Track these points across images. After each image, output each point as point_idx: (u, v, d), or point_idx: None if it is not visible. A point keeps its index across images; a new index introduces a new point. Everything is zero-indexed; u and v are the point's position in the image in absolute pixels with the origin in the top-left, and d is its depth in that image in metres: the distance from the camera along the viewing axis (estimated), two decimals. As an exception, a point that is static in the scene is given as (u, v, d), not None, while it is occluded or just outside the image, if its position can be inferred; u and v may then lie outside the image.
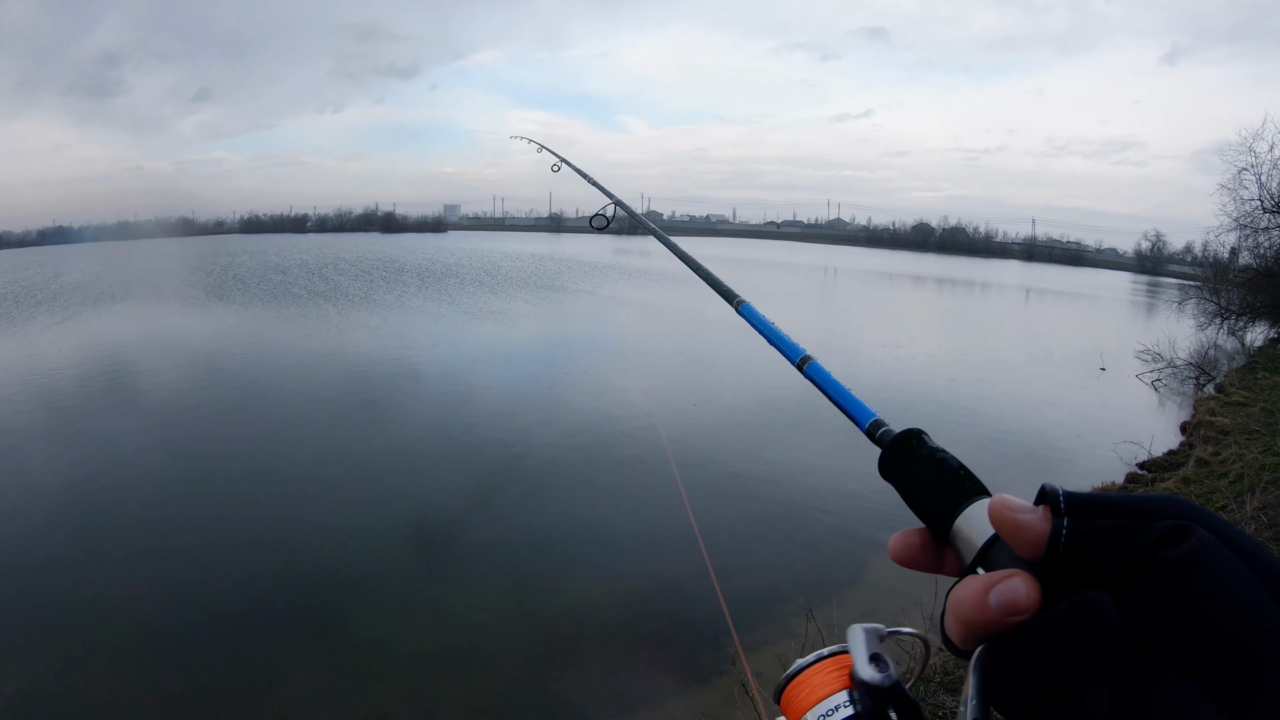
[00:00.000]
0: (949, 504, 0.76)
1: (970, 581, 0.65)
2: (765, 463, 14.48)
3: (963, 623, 0.64)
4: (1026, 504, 0.65)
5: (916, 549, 0.78)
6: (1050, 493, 0.64)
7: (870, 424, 0.93)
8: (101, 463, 14.41)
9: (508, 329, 32.41)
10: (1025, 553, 0.64)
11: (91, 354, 25.91)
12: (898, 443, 0.85)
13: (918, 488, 0.80)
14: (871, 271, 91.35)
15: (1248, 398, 18.65)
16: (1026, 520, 0.64)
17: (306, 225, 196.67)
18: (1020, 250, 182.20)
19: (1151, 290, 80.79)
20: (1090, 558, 0.61)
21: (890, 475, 0.84)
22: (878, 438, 0.90)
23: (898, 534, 0.80)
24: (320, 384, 20.75)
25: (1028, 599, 0.61)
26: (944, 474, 0.79)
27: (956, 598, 0.65)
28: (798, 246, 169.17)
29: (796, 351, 1.20)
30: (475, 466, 14.27)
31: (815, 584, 9.46)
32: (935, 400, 20.17)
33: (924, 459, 0.81)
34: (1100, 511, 0.62)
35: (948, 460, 0.80)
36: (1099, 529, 0.61)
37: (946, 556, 0.77)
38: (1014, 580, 0.62)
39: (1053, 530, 0.62)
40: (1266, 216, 30.88)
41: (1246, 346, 31.31)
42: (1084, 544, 0.61)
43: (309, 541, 11.08)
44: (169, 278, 57.35)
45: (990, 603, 0.61)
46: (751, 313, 1.42)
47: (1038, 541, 0.63)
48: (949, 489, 0.77)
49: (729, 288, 1.61)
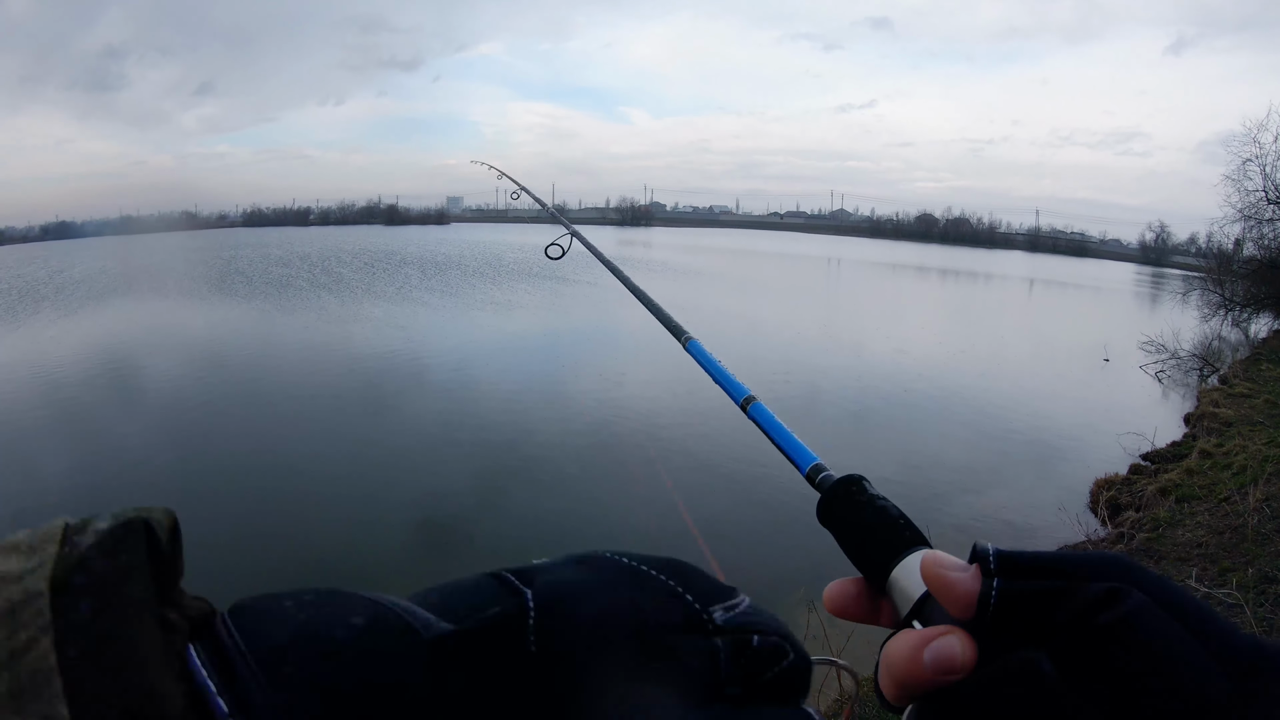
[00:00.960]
0: (886, 554, 0.74)
1: (904, 636, 0.62)
2: (762, 455, 14.47)
3: (895, 680, 0.61)
4: (958, 561, 0.63)
5: (852, 599, 0.76)
6: (980, 552, 0.62)
7: (811, 468, 0.92)
8: (104, 454, 14.44)
9: (511, 320, 32.43)
10: (956, 612, 0.61)
11: (94, 348, 25.94)
12: (837, 489, 0.83)
13: (856, 534, 0.78)
14: (875, 263, 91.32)
15: (1252, 389, 18.63)
16: (955, 579, 0.62)
17: (309, 218, 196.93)
18: (1024, 241, 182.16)
19: (1155, 281, 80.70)
20: (1023, 619, 0.58)
21: (828, 522, 0.83)
22: (817, 483, 0.88)
23: (834, 584, 0.78)
24: (323, 376, 20.76)
25: (962, 657, 0.58)
26: (883, 522, 0.77)
27: (889, 653, 0.62)
28: (801, 237, 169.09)
29: (741, 391, 1.18)
30: (479, 459, 14.28)
31: (816, 576, 9.47)
32: (939, 392, 20.18)
33: (862, 506, 0.80)
34: (1032, 571, 0.60)
35: (887, 509, 0.78)
36: (1030, 590, 0.59)
37: (883, 607, 0.75)
38: (949, 638, 0.59)
39: (982, 590, 0.60)
40: (1271, 208, 30.84)
41: (1250, 338, 31.23)
42: (1015, 605, 0.59)
43: (312, 534, 11.10)
44: (172, 272, 57.39)
45: (924, 660, 0.59)
46: (698, 350, 1.41)
47: (968, 601, 0.60)
48: (887, 538, 0.75)
49: (676, 323, 1.59)
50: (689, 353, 1.44)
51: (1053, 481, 13.76)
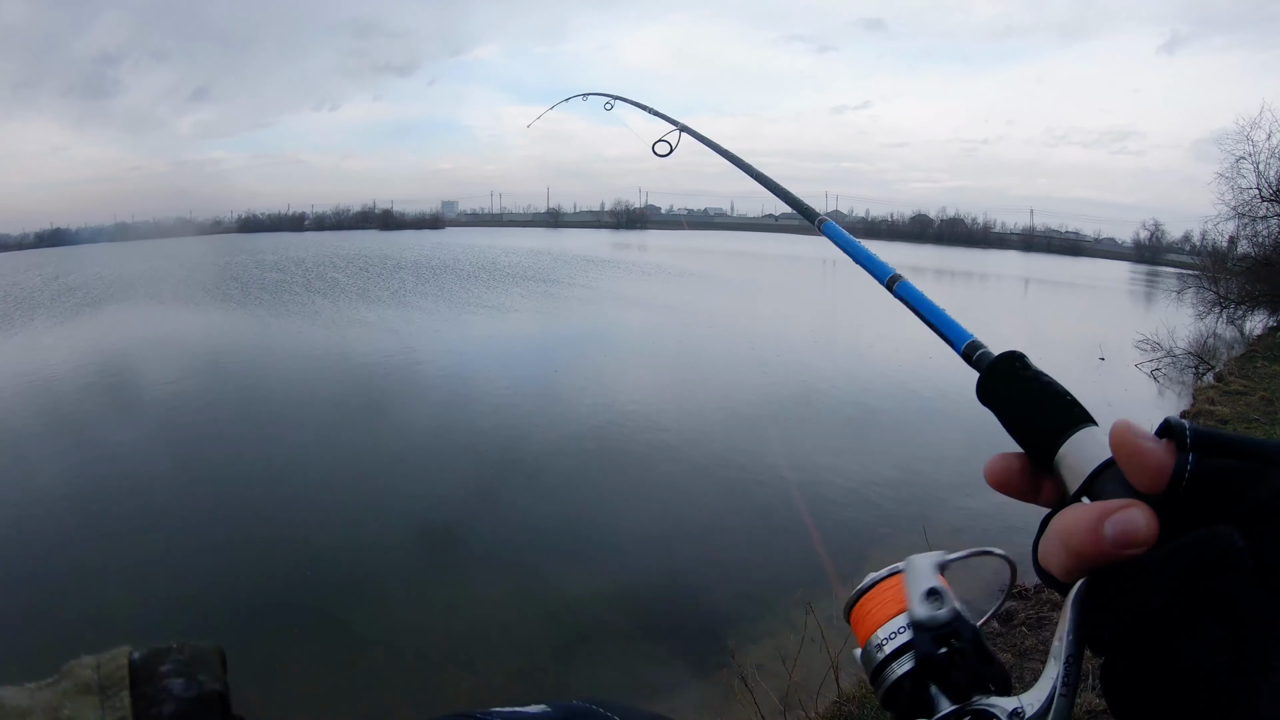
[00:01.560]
0: (1055, 428, 0.72)
1: (1080, 508, 0.60)
2: (759, 455, 14.47)
3: (1070, 551, 0.59)
4: (1150, 433, 0.61)
5: (1015, 473, 0.74)
6: (1176, 426, 0.60)
7: (967, 345, 0.91)
8: (101, 462, 14.42)
9: (507, 324, 32.41)
10: (1142, 484, 0.59)
11: (89, 355, 25.91)
12: (999, 364, 0.81)
13: (1021, 411, 0.76)
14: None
15: (1247, 386, 18.64)
16: (1150, 448, 0.59)
17: (304, 224, 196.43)
18: (1018, 240, 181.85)
19: (1150, 279, 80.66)
20: (1213, 499, 0.56)
21: (990, 399, 0.81)
22: (975, 360, 0.87)
23: (996, 456, 0.75)
24: (321, 381, 20.74)
25: (1146, 530, 0.56)
26: (1050, 398, 0.75)
27: (1064, 524, 0.60)
28: (795, 239, 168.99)
29: (885, 270, 1.18)
30: (477, 461, 14.27)
31: (814, 576, 9.47)
32: (935, 392, 20.17)
33: (1028, 381, 0.78)
34: (1228, 451, 0.57)
35: (1053, 385, 0.76)
36: (1226, 469, 0.56)
37: (1044, 488, 0.73)
38: (1133, 510, 0.57)
39: (1176, 464, 0.57)
40: (1265, 205, 30.89)
41: (1245, 335, 31.23)
42: (1208, 483, 0.56)
43: (312, 538, 11.08)
44: (167, 278, 57.26)
45: (1105, 532, 0.56)
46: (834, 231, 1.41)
47: (1159, 473, 0.58)
48: (1055, 413, 0.73)
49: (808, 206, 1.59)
50: (824, 234, 1.45)
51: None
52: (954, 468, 14.10)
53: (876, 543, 10.62)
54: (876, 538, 10.86)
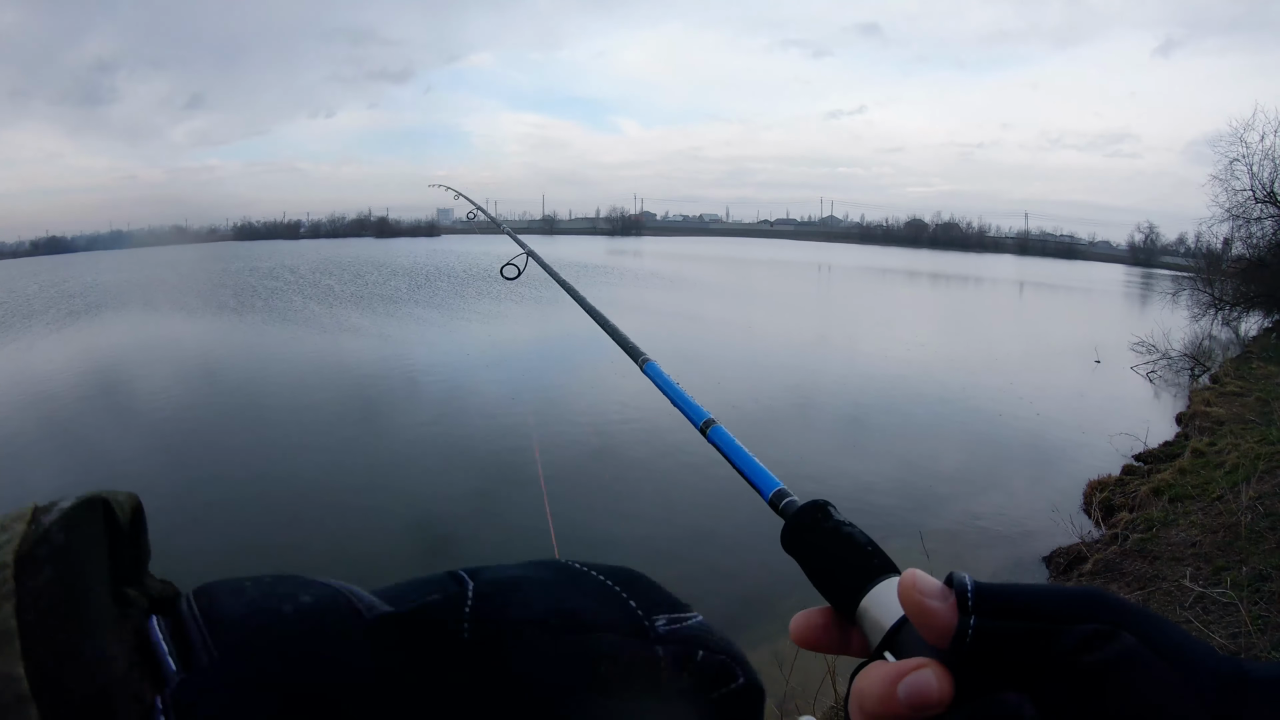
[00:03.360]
0: (856, 582, 0.71)
1: (876, 669, 0.60)
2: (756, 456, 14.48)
3: (868, 715, 0.58)
4: (937, 586, 0.60)
5: (820, 630, 0.73)
6: (957, 585, 0.59)
7: (774, 494, 0.90)
8: (94, 468, 14.40)
9: (501, 331, 32.41)
10: (931, 640, 0.59)
11: (85, 362, 25.90)
12: (802, 515, 0.81)
13: (824, 563, 0.76)
14: (865, 268, 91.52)
15: (1243, 388, 18.69)
16: (934, 607, 0.58)
17: (300, 231, 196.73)
18: (1013, 244, 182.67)
19: (1145, 282, 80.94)
20: (1005, 657, 0.56)
21: (793, 550, 0.80)
22: (781, 509, 0.87)
23: (799, 615, 0.74)
24: (314, 389, 20.72)
25: (939, 692, 0.55)
26: (851, 550, 0.74)
27: (861, 687, 0.60)
28: (791, 244, 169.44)
29: (700, 414, 1.15)
30: (471, 467, 14.27)
31: (795, 601, 9.46)
32: (932, 396, 20.21)
33: (828, 533, 0.77)
34: (1012, 611, 0.57)
35: (854, 535, 0.76)
36: (1010, 630, 0.56)
37: (853, 637, 0.71)
38: (925, 671, 0.56)
39: (958, 626, 0.57)
40: (1258, 206, 30.97)
41: (1241, 337, 31.34)
42: (993, 644, 0.56)
43: (308, 545, 11.08)
44: (162, 286, 57.24)
45: (899, 694, 0.56)
46: (656, 372, 1.38)
47: (945, 632, 0.58)
48: (856, 566, 0.73)
49: (633, 345, 1.57)
50: (647, 375, 1.41)
51: (1046, 483, 13.77)
52: (951, 473, 14.14)
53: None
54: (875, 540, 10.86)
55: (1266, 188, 30.43)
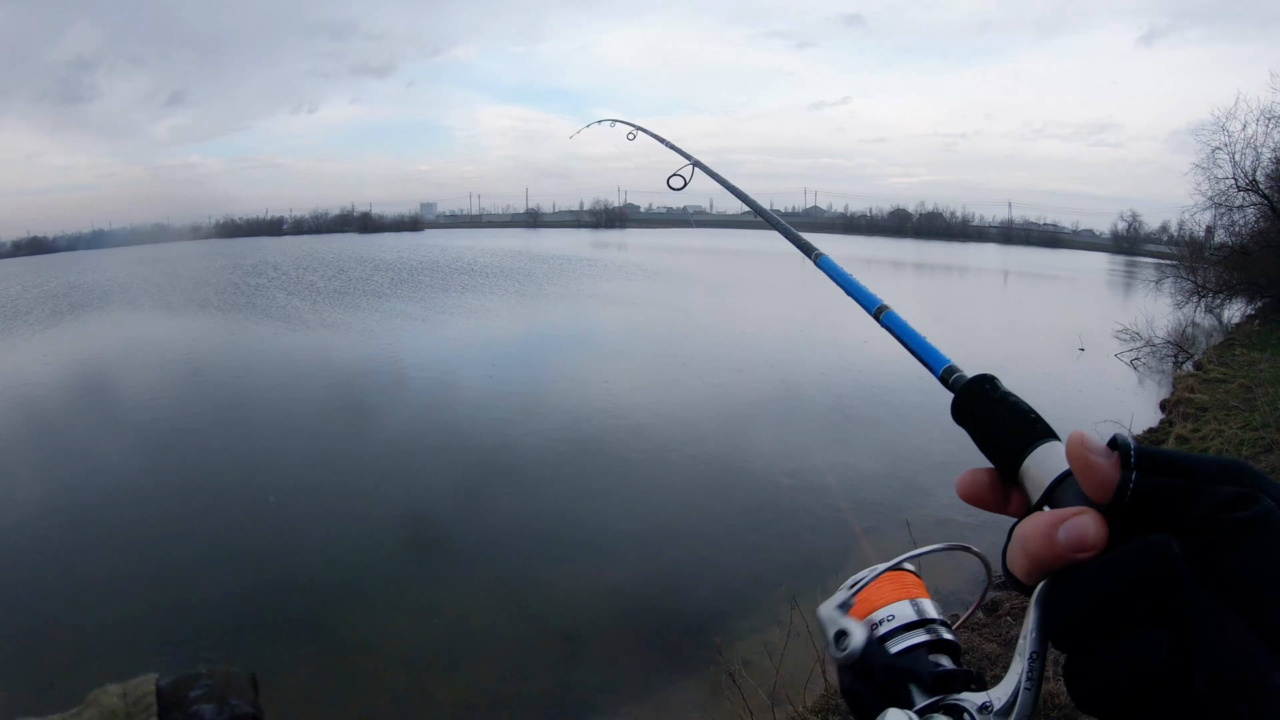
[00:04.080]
0: (1019, 444, 0.77)
1: (1038, 516, 0.65)
2: (744, 451, 14.50)
3: (1029, 556, 0.64)
4: (1102, 446, 0.65)
5: (985, 487, 0.80)
6: (1121, 445, 0.63)
7: (944, 370, 0.94)
8: (82, 469, 14.33)
9: (487, 326, 32.39)
10: (1093, 494, 0.63)
11: (69, 362, 25.77)
12: (972, 386, 0.86)
13: (990, 428, 0.82)
14: (849, 258, 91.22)
15: (1226, 374, 18.77)
16: (1098, 463, 0.63)
17: (283, 228, 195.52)
18: (997, 233, 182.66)
19: (1128, 270, 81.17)
20: (1156, 510, 0.61)
21: (963, 418, 0.86)
22: (951, 382, 0.91)
23: (967, 471, 0.81)
24: (302, 386, 20.67)
25: (1095, 536, 0.61)
26: (1015, 416, 0.80)
27: (1024, 531, 0.65)
28: (775, 236, 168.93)
29: (873, 301, 1.23)
30: (460, 464, 14.28)
31: (799, 572, 9.49)
32: (917, 385, 20.23)
33: (996, 402, 0.83)
34: (1169, 469, 0.61)
35: (1019, 404, 0.81)
36: (1166, 486, 0.61)
37: (1012, 498, 0.78)
38: (1083, 517, 0.62)
39: (1120, 480, 0.62)
40: (1240, 194, 31.11)
41: (1224, 324, 31.63)
42: (1150, 497, 0.61)
43: (295, 544, 11.07)
44: (146, 285, 56.93)
45: (1059, 537, 0.61)
46: (829, 265, 1.44)
47: (1107, 485, 0.62)
48: (1020, 430, 0.78)
49: (806, 241, 1.65)
50: (820, 268, 1.47)
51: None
52: (937, 462, 14.17)
53: (861, 537, 10.64)
54: (861, 532, 10.89)
55: (1248, 176, 30.58)
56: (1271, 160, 30.25)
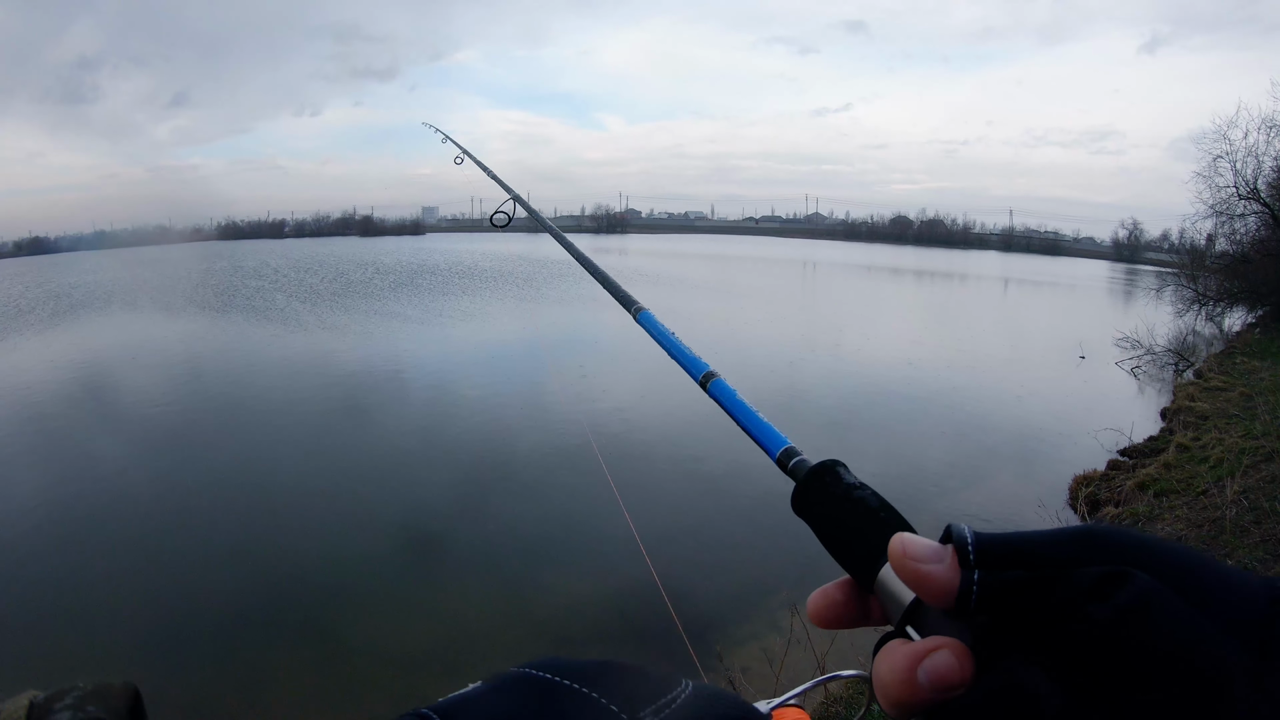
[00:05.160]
0: (871, 550, 0.67)
1: (895, 650, 0.57)
2: (743, 456, 14.47)
3: (892, 701, 0.56)
4: (932, 549, 0.58)
5: (839, 606, 0.70)
6: (957, 537, 0.57)
7: (781, 453, 0.83)
8: (82, 472, 14.31)
9: (486, 330, 32.35)
10: (938, 605, 0.57)
11: (70, 363, 25.74)
12: (810, 478, 0.76)
13: (836, 531, 0.72)
14: (850, 265, 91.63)
15: (1227, 383, 18.76)
16: (930, 571, 0.57)
17: (284, 230, 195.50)
18: (998, 241, 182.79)
19: (1129, 278, 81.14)
20: (1010, 615, 0.53)
21: (805, 514, 0.76)
22: (790, 469, 0.81)
23: (816, 593, 0.71)
24: (301, 390, 20.64)
25: (960, 673, 0.53)
26: (863, 515, 0.71)
27: (881, 673, 0.57)
28: (775, 242, 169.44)
29: (699, 367, 1.07)
30: (458, 467, 14.25)
31: (798, 578, 9.47)
32: (918, 392, 20.24)
33: (839, 498, 0.73)
34: (1016, 559, 0.54)
35: (866, 499, 0.72)
36: (1015, 581, 0.53)
37: (874, 606, 0.68)
38: (941, 653, 0.54)
39: (961, 584, 0.55)
40: (1242, 203, 31.10)
41: (1224, 332, 31.58)
42: (999, 600, 0.54)
43: (294, 546, 11.04)
44: (146, 286, 56.90)
45: (919, 679, 0.54)
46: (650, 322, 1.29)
47: (946, 594, 0.56)
48: (870, 533, 0.69)
49: (626, 294, 1.48)
50: (640, 324, 1.32)
51: (1032, 478, 13.82)
52: (937, 469, 14.16)
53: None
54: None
55: (1250, 184, 30.57)
56: (1273, 168, 30.27)
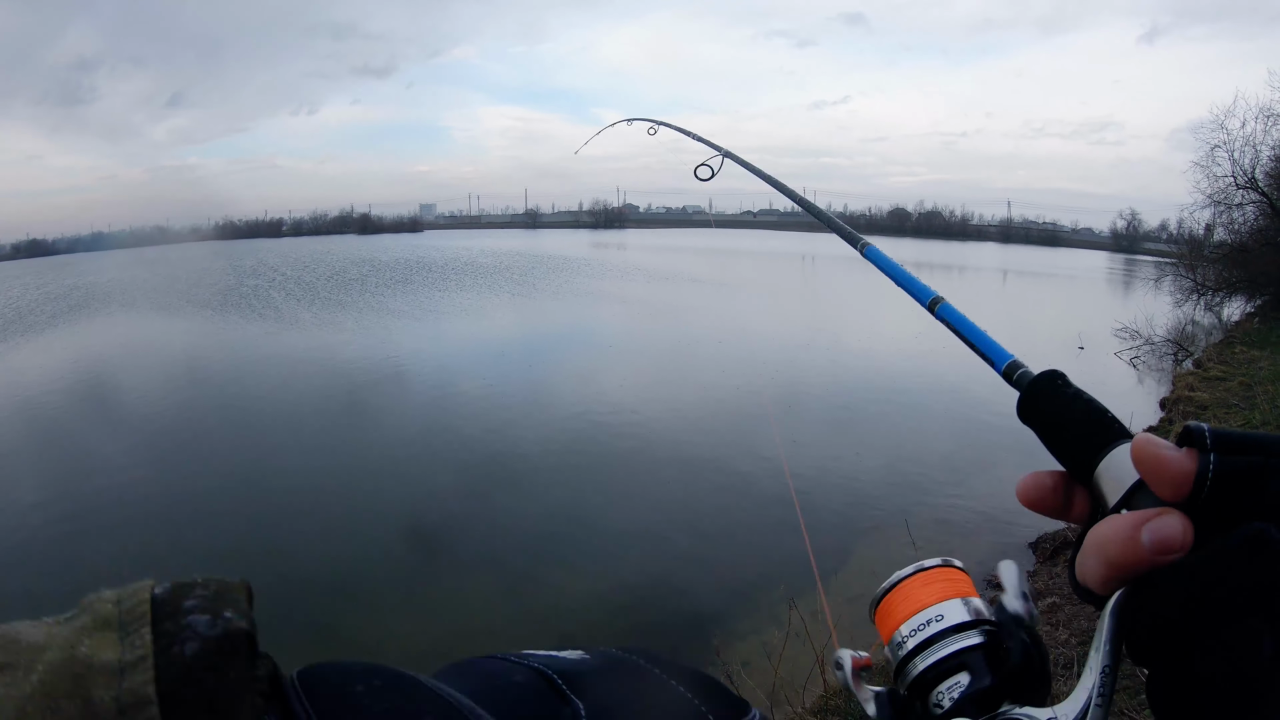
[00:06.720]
0: (1093, 445, 0.72)
1: (1115, 519, 0.60)
2: (740, 449, 14.47)
3: (1108, 562, 0.59)
4: (1171, 444, 0.60)
5: (1048, 491, 0.75)
6: (1195, 430, 0.58)
7: (1007, 365, 0.89)
8: (81, 472, 14.30)
9: (488, 326, 32.35)
10: (1169, 495, 0.59)
11: (69, 364, 25.73)
12: (1039, 383, 0.82)
13: (1062, 428, 0.78)
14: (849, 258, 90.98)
15: (1226, 372, 18.74)
16: (1170, 457, 0.58)
17: (282, 229, 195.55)
18: (996, 232, 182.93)
19: (1128, 269, 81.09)
20: (1240, 496, 0.55)
21: (1031, 417, 0.81)
22: (1015, 379, 0.87)
23: (1029, 475, 0.76)
24: (301, 388, 20.63)
25: (1182, 536, 0.56)
26: (1089, 415, 0.76)
27: (1102, 535, 0.60)
28: (774, 235, 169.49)
29: (927, 293, 1.15)
30: (461, 465, 14.23)
31: (796, 571, 9.47)
32: (917, 385, 20.23)
33: (1068, 400, 0.79)
34: (1248, 447, 0.56)
35: (1092, 402, 0.77)
36: (1248, 465, 0.55)
37: (1076, 503, 0.73)
38: (1169, 517, 0.57)
39: (1199, 467, 0.56)
40: (1240, 192, 31.05)
41: (1223, 322, 31.56)
42: (1233, 481, 0.56)
43: (297, 545, 11.02)
44: (144, 287, 56.90)
45: (1142, 540, 0.56)
46: (876, 255, 1.39)
47: (1183, 479, 0.57)
48: (1095, 430, 0.74)
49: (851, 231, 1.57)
50: (867, 258, 1.42)
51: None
52: (937, 461, 14.16)
53: (860, 536, 10.63)
54: (860, 532, 10.88)
55: (1248, 174, 30.53)
56: (1271, 158, 30.20)
